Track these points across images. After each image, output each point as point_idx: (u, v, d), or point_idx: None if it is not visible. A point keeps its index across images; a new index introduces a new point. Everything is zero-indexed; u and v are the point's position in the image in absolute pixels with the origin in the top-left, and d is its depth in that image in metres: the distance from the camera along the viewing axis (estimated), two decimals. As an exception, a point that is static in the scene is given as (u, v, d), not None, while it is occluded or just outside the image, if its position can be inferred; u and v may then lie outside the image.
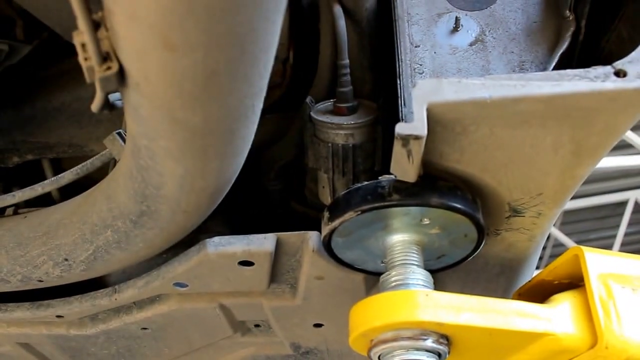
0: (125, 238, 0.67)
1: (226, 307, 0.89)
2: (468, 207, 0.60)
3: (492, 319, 0.56)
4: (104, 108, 0.48)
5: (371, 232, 0.65)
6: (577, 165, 0.58)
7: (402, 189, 0.59)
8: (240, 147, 0.53)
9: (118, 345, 1.02)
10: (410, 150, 0.53)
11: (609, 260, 0.60)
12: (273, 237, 0.73)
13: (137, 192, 0.58)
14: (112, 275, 0.93)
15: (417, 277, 0.62)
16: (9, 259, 0.76)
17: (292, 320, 0.91)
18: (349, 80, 0.73)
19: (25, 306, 0.91)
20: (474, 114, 0.53)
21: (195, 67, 0.37)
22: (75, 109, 0.87)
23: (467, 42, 0.68)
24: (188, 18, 0.34)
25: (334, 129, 0.74)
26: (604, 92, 0.50)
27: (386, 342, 0.57)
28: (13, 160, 0.93)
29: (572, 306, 0.60)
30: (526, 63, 0.65)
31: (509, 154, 0.58)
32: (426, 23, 0.70)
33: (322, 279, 0.78)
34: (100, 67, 0.40)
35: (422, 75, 0.66)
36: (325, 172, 0.79)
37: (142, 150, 0.51)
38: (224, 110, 0.44)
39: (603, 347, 0.55)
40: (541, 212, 0.65)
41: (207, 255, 0.74)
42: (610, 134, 0.54)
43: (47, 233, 0.74)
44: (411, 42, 0.69)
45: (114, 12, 0.35)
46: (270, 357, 1.08)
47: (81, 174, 0.69)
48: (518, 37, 0.67)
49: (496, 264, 0.78)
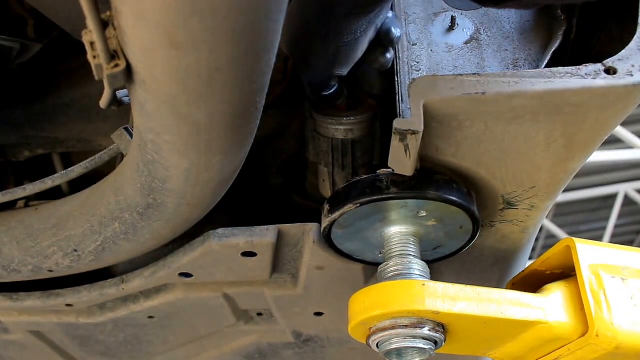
0: (133, 230, 0.68)
1: (230, 296, 0.90)
2: (463, 200, 0.61)
3: (486, 308, 0.57)
4: (112, 104, 0.49)
5: (370, 224, 0.67)
6: (569, 159, 0.59)
7: (399, 182, 0.61)
8: (244, 142, 0.54)
9: (125, 333, 1.03)
10: (408, 145, 0.54)
11: (600, 251, 0.61)
12: (275, 229, 0.74)
13: (143, 186, 0.59)
14: (119, 266, 0.94)
15: (414, 267, 0.63)
16: (20, 250, 0.77)
17: (293, 309, 0.92)
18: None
19: (36, 295, 0.92)
20: (469, 110, 0.54)
21: (200, 64, 0.38)
22: (85, 105, 0.87)
23: (462, 40, 0.69)
24: (193, 17, 0.35)
25: (334, 124, 0.74)
26: (594, 89, 0.51)
27: (384, 330, 0.59)
28: (24, 154, 0.94)
29: (564, 295, 0.61)
30: (520, 61, 0.66)
31: (503, 148, 0.59)
32: (423, 22, 0.71)
33: (322, 269, 0.80)
34: (109, 64, 0.41)
35: (418, 72, 0.67)
36: (325, 166, 0.80)
37: (149, 144, 0.52)
38: (227, 106, 0.44)
39: (594, 335, 0.56)
40: (534, 204, 0.66)
41: (211, 246, 0.75)
42: (601, 129, 0.55)
43: (57, 225, 0.75)
44: (408, 41, 0.70)
45: (122, 11, 0.37)
46: (272, 344, 1.09)
47: (90, 168, 0.70)
48: (512, 36, 0.68)
49: (491, 254, 0.79)
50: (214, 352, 1.11)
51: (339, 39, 0.60)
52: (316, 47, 0.62)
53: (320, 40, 0.61)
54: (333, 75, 0.65)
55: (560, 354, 0.61)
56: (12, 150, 0.94)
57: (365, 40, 0.62)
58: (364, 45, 0.63)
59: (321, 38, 0.61)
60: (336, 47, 0.61)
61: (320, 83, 0.67)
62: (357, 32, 0.60)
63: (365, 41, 0.63)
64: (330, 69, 0.64)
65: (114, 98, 0.48)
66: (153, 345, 1.08)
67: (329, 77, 0.66)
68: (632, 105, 0.54)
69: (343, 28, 0.59)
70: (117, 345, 1.07)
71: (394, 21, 0.65)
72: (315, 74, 0.66)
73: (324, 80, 0.66)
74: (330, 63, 0.64)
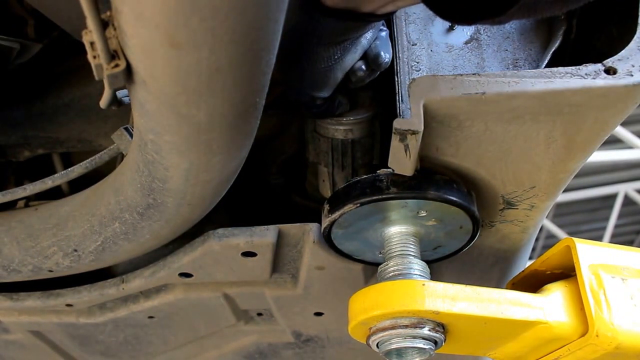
0: (133, 230, 0.68)
1: (230, 296, 0.90)
2: (463, 200, 0.61)
3: (486, 308, 0.58)
4: (112, 104, 0.49)
5: (369, 224, 0.67)
6: (569, 159, 0.59)
7: (399, 182, 0.61)
8: (243, 142, 0.54)
9: (125, 333, 1.03)
10: (408, 144, 0.54)
11: (600, 251, 0.61)
12: (275, 229, 0.74)
13: (143, 186, 0.59)
14: (119, 266, 0.95)
15: (414, 267, 0.63)
16: (20, 249, 0.77)
17: (293, 309, 0.92)
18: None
19: (36, 295, 0.92)
20: (469, 110, 0.54)
21: (200, 64, 0.38)
22: (85, 105, 0.88)
23: (462, 40, 0.69)
24: (193, 17, 0.35)
25: (333, 124, 0.74)
26: (594, 89, 0.51)
27: (384, 330, 0.59)
28: (24, 154, 0.94)
29: (564, 295, 0.61)
30: (520, 61, 0.66)
31: (503, 148, 0.59)
32: (423, 22, 0.71)
33: (322, 269, 0.80)
34: (109, 64, 0.41)
35: (418, 72, 0.67)
36: (325, 166, 0.80)
37: (149, 144, 0.52)
38: (227, 106, 0.44)
39: (594, 335, 0.56)
40: (534, 204, 0.66)
41: (211, 246, 0.75)
42: (601, 129, 0.55)
43: (57, 225, 0.75)
44: (408, 41, 0.70)
45: (122, 11, 0.37)
46: (272, 344, 1.09)
47: (90, 168, 0.70)
48: (512, 36, 0.68)
49: (490, 254, 0.79)
50: (214, 352, 1.12)
51: (313, 65, 0.61)
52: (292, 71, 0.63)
53: (296, 65, 0.61)
54: (314, 97, 0.66)
55: (560, 354, 0.61)
56: (12, 150, 0.94)
57: (342, 66, 0.63)
58: (344, 69, 0.63)
59: (296, 63, 0.61)
60: (311, 72, 0.62)
61: (305, 103, 0.67)
62: (330, 59, 0.61)
63: (343, 66, 0.63)
64: (310, 91, 0.65)
65: (114, 98, 0.48)
66: (153, 345, 1.08)
67: (311, 98, 0.66)
68: (632, 105, 0.54)
69: (315, 56, 0.60)
70: (117, 345, 1.08)
71: (385, 44, 0.65)
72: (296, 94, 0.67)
73: (307, 101, 0.66)
74: (308, 86, 0.64)
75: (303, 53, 0.60)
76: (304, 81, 0.63)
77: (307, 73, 0.62)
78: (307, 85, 0.64)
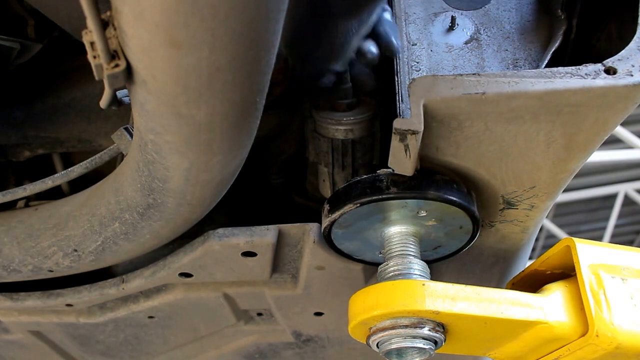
0: (133, 229, 0.68)
1: (230, 296, 0.90)
2: (463, 200, 0.61)
3: (486, 308, 0.58)
4: (112, 104, 0.49)
5: (370, 224, 0.67)
6: (569, 159, 0.59)
7: (399, 182, 0.61)
8: (244, 142, 0.54)
9: (126, 332, 1.03)
10: (408, 144, 0.54)
11: (600, 251, 0.61)
12: (275, 229, 0.74)
13: (143, 185, 0.60)
14: (119, 266, 0.95)
15: (414, 267, 0.63)
16: (20, 249, 0.77)
17: (293, 309, 0.92)
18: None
19: (36, 295, 0.92)
20: (469, 110, 0.54)
21: (200, 64, 0.39)
22: (85, 105, 0.88)
23: (462, 40, 0.69)
24: (193, 17, 0.35)
25: (333, 124, 0.75)
26: (594, 89, 0.51)
27: (384, 330, 0.59)
28: (25, 154, 0.94)
29: (564, 295, 0.61)
30: (520, 60, 0.66)
31: (503, 148, 0.59)
32: (423, 22, 0.71)
33: (322, 269, 0.80)
34: (109, 64, 0.41)
35: (418, 72, 0.67)
36: (325, 166, 0.80)
37: (149, 144, 0.52)
38: (227, 106, 0.45)
39: (594, 335, 0.56)
40: (534, 204, 0.66)
41: (211, 246, 0.75)
42: (601, 129, 0.56)
43: (57, 225, 0.75)
44: (408, 41, 0.70)
45: (122, 11, 0.37)
46: (272, 344, 1.09)
47: (90, 168, 0.70)
48: (512, 36, 0.68)
49: (490, 254, 0.79)
50: (214, 352, 1.12)
51: (332, 37, 0.62)
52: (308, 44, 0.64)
53: (313, 40, 0.63)
54: (329, 70, 0.67)
55: (560, 354, 0.61)
56: (12, 150, 0.94)
57: (357, 39, 0.64)
58: (359, 42, 0.65)
59: (314, 37, 0.62)
60: (329, 44, 0.63)
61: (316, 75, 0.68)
62: (348, 33, 0.62)
63: (358, 39, 0.65)
64: (325, 63, 0.66)
65: (114, 98, 0.48)
66: (153, 345, 1.08)
67: (325, 71, 0.68)
68: (632, 105, 0.54)
69: (335, 29, 0.61)
70: (117, 345, 1.08)
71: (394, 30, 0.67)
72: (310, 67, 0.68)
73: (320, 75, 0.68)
74: (325, 59, 0.66)
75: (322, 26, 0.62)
76: (320, 54, 0.65)
77: (326, 46, 0.63)
78: (324, 58, 0.66)
